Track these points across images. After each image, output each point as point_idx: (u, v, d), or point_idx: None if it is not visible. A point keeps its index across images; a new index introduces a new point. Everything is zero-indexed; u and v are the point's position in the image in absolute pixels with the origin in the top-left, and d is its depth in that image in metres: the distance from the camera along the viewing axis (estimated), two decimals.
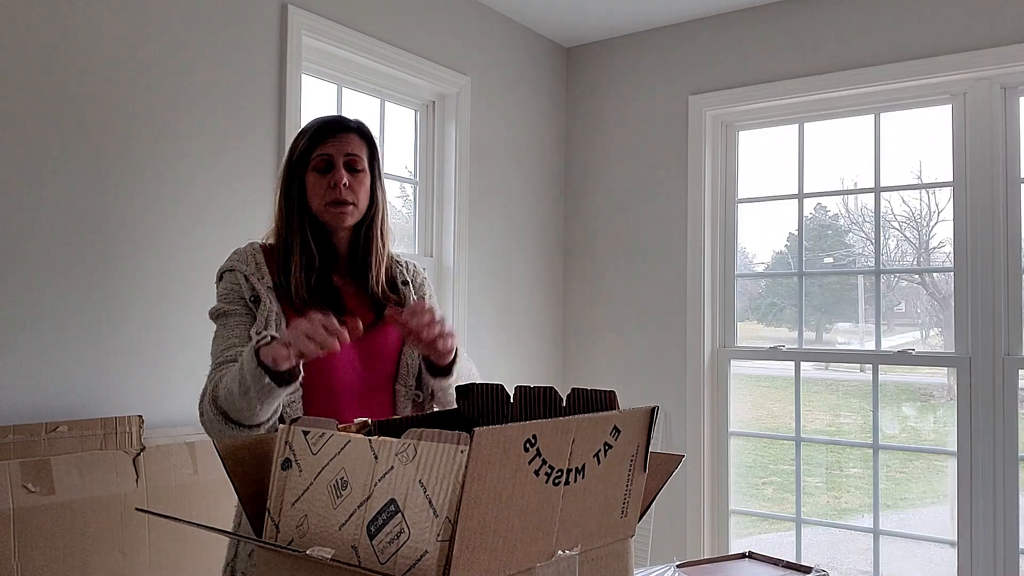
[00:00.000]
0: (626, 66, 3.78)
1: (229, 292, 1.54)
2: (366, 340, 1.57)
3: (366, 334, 1.55)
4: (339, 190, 1.55)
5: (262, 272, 1.54)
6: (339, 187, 1.55)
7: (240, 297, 1.53)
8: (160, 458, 2.11)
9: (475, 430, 0.71)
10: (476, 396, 1.20)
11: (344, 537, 0.80)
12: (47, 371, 2.05)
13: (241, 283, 1.53)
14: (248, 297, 1.52)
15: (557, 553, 0.83)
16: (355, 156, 1.59)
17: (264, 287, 1.52)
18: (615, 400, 1.03)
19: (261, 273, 1.54)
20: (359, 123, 1.65)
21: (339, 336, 1.29)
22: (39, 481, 1.88)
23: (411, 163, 3.32)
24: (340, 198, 1.55)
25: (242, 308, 1.52)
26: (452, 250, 3.28)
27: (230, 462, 0.91)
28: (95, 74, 2.16)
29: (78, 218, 2.12)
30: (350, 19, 2.84)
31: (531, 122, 3.73)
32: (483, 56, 3.45)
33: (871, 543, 3.24)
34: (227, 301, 1.54)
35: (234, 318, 1.52)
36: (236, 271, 1.55)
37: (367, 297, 1.62)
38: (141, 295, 2.24)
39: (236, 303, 1.53)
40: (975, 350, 3.01)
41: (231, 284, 1.54)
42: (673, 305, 3.59)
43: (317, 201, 1.57)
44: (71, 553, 1.89)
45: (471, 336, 3.36)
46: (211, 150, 2.41)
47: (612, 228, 3.78)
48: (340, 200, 1.55)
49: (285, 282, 1.53)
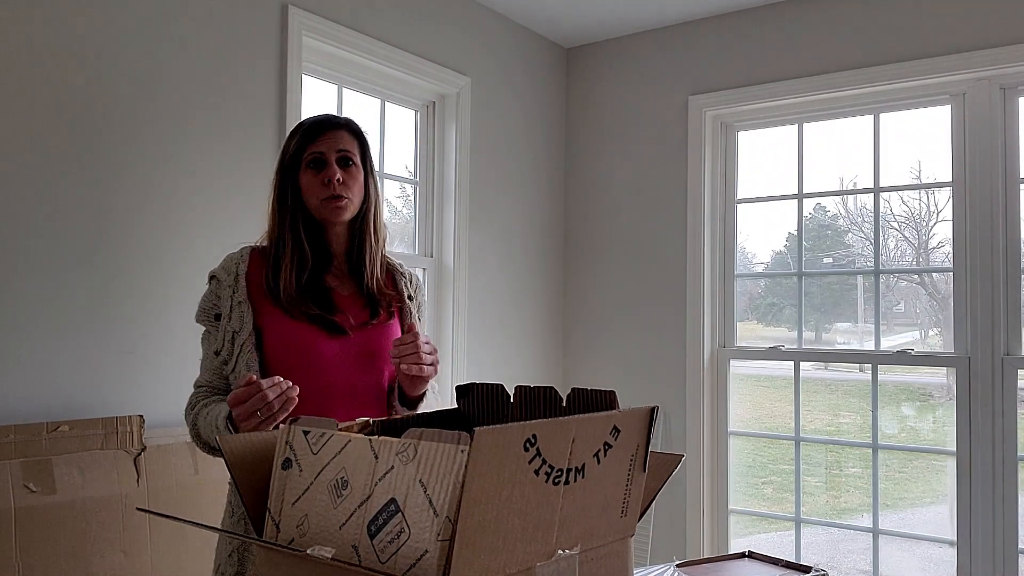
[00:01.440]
0: (626, 66, 3.78)
1: (204, 307, 1.61)
2: (361, 338, 1.57)
3: (361, 332, 1.56)
4: (333, 186, 1.57)
5: (239, 284, 1.56)
6: (333, 183, 1.57)
7: (212, 313, 1.59)
8: (161, 458, 2.11)
9: (475, 430, 0.71)
10: (476, 396, 1.20)
11: (344, 537, 0.81)
12: (48, 371, 2.05)
13: (219, 295, 1.58)
14: (215, 315, 1.58)
15: (557, 553, 0.84)
16: (347, 151, 1.60)
17: (235, 301, 1.55)
18: (615, 400, 1.03)
19: (237, 285, 1.56)
20: (348, 120, 1.66)
21: (287, 396, 1.32)
22: (40, 481, 1.88)
23: (411, 163, 3.32)
24: (335, 193, 1.57)
25: (213, 326, 1.59)
26: (452, 250, 3.29)
27: (233, 461, 0.91)
28: (95, 75, 2.16)
29: (78, 218, 2.12)
30: (350, 19, 2.85)
31: (531, 122, 3.73)
32: (483, 56, 3.45)
33: (870, 543, 3.24)
34: (203, 315, 1.61)
35: (209, 337, 1.61)
36: (219, 281, 1.59)
37: (361, 296, 1.63)
38: (142, 295, 2.24)
39: (208, 319, 1.60)
40: (974, 350, 3.01)
41: (210, 296, 1.60)
42: (673, 305, 3.60)
43: (313, 199, 1.59)
44: (72, 553, 1.90)
45: (471, 336, 3.36)
46: (211, 150, 2.42)
47: (612, 228, 3.79)
48: (335, 195, 1.57)
49: (274, 282, 1.55)
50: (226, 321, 1.55)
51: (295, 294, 1.55)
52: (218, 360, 1.56)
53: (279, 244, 1.59)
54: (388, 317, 1.64)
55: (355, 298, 1.62)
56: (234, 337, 1.53)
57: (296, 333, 1.53)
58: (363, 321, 1.59)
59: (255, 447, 0.94)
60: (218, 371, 1.57)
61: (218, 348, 1.55)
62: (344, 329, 1.56)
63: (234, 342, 1.53)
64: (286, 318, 1.54)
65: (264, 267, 1.59)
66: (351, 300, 1.62)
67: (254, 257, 1.61)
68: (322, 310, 1.55)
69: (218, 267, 1.61)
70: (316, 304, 1.56)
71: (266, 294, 1.56)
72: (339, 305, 1.59)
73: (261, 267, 1.59)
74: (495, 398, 1.18)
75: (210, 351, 1.59)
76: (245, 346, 1.52)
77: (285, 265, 1.56)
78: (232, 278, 1.57)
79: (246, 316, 1.53)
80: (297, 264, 1.57)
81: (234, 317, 1.54)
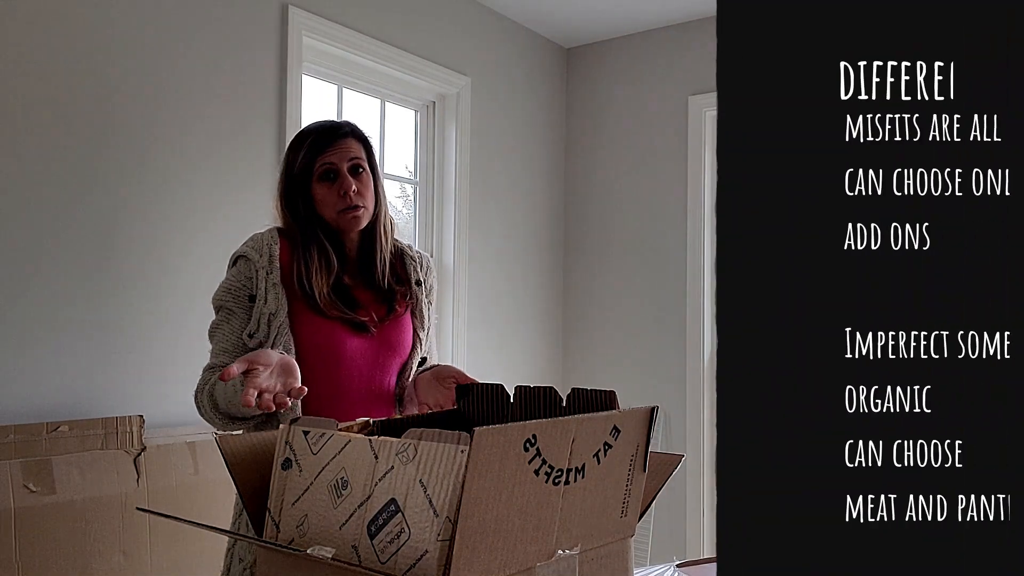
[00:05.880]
0: (626, 66, 3.78)
1: (234, 286, 1.54)
2: (381, 335, 1.59)
3: (381, 329, 1.59)
4: (349, 197, 1.57)
5: (273, 265, 1.54)
6: (349, 194, 1.57)
7: (244, 294, 1.53)
8: (161, 458, 2.11)
9: (475, 430, 0.71)
10: (476, 396, 1.20)
11: (344, 537, 0.81)
12: (48, 371, 2.05)
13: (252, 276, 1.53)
14: (248, 296, 1.53)
15: (557, 553, 0.84)
16: (357, 159, 1.61)
17: (270, 283, 1.53)
18: (615, 400, 1.03)
19: (272, 267, 1.54)
20: (352, 126, 1.66)
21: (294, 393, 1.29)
22: (40, 481, 1.88)
23: (411, 163, 3.32)
24: (352, 203, 1.57)
25: (241, 307, 1.53)
26: (452, 250, 3.29)
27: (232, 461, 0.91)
28: (95, 75, 2.16)
29: (78, 218, 2.12)
30: (350, 19, 2.85)
31: (531, 122, 3.73)
32: (483, 56, 3.45)
33: None
34: (231, 295, 1.54)
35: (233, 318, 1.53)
36: (250, 260, 1.55)
37: (375, 292, 1.64)
38: (142, 295, 2.24)
39: (238, 300, 1.53)
40: None
41: (239, 276, 1.54)
42: (673, 305, 3.60)
43: (329, 211, 1.59)
44: (72, 553, 1.90)
45: (471, 336, 3.36)
46: (211, 151, 2.42)
47: (612, 228, 3.79)
48: (352, 206, 1.57)
49: (310, 287, 1.54)
50: (261, 303, 1.51)
51: (328, 299, 1.55)
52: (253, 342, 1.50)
53: (306, 249, 1.58)
54: (404, 310, 1.66)
55: (372, 296, 1.64)
56: (270, 320, 1.50)
57: (326, 331, 1.54)
58: (381, 317, 1.61)
59: (255, 447, 0.94)
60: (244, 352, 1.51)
61: (252, 330, 1.50)
62: (368, 327, 1.57)
63: (271, 324, 1.50)
64: (317, 316, 1.54)
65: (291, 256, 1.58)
66: (369, 298, 1.63)
67: (282, 240, 1.59)
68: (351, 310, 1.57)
69: (246, 247, 1.57)
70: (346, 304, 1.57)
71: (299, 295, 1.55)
72: (360, 303, 1.60)
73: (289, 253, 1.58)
74: (495, 398, 1.18)
75: (233, 335, 1.53)
76: (283, 328, 1.50)
77: (315, 270, 1.56)
78: (266, 259, 1.54)
79: (281, 298, 1.51)
80: (326, 270, 1.57)
81: (270, 299, 1.51)
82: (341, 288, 1.59)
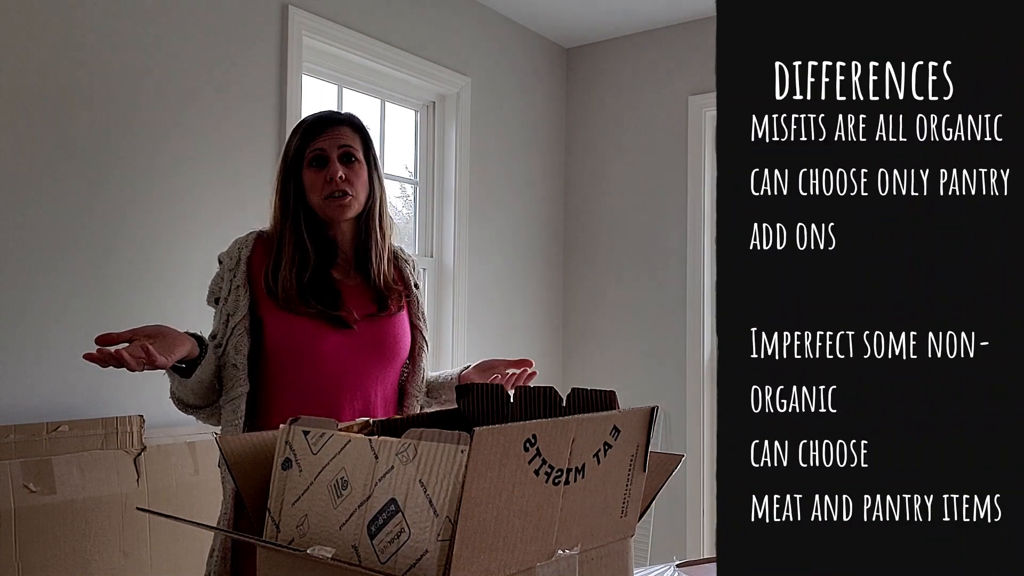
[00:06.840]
0: (626, 66, 3.78)
1: (211, 288, 1.61)
2: (368, 331, 1.56)
3: (367, 325, 1.55)
4: (336, 183, 1.55)
5: (239, 268, 1.55)
6: (335, 180, 1.55)
7: (212, 298, 1.59)
8: (161, 458, 2.11)
9: (475, 430, 0.71)
10: (476, 396, 1.20)
11: (344, 537, 0.81)
12: (48, 371, 2.05)
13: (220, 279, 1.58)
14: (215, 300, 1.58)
15: (557, 553, 0.84)
16: (349, 147, 1.59)
17: (234, 285, 1.54)
18: (615, 400, 1.03)
19: (238, 269, 1.55)
20: (350, 115, 1.65)
21: (149, 358, 1.27)
22: (40, 481, 1.88)
23: (411, 163, 3.32)
24: (338, 190, 1.55)
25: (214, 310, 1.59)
26: (452, 250, 3.29)
27: (233, 461, 0.91)
28: (94, 75, 2.16)
29: (78, 217, 2.12)
30: (350, 19, 2.85)
31: (531, 122, 3.73)
32: (483, 56, 3.45)
33: None
34: (210, 296, 1.60)
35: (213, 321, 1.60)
36: (221, 265, 1.59)
37: (369, 288, 1.62)
38: (141, 294, 2.24)
39: (212, 302, 1.60)
40: None
41: (214, 281, 1.60)
42: (673, 305, 3.60)
43: (315, 196, 1.57)
44: (72, 553, 1.90)
45: (471, 336, 3.36)
46: (211, 150, 2.42)
47: (612, 228, 3.79)
48: (338, 192, 1.56)
49: (274, 282, 1.54)
50: (223, 304, 1.54)
51: (294, 294, 1.53)
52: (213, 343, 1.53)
53: (280, 243, 1.58)
54: (397, 310, 1.63)
55: (362, 290, 1.61)
56: (228, 320, 1.52)
57: (297, 327, 1.52)
58: (369, 313, 1.58)
59: (255, 447, 0.94)
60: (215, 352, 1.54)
61: (214, 332, 1.54)
62: (348, 323, 1.55)
63: (227, 325, 1.52)
64: (288, 313, 1.53)
65: (267, 255, 1.58)
66: (358, 292, 1.60)
67: (259, 243, 1.60)
68: (326, 305, 1.53)
69: (224, 252, 1.60)
70: (320, 298, 1.54)
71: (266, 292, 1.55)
72: (345, 297, 1.58)
73: (264, 254, 1.58)
74: (495, 398, 1.17)
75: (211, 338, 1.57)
76: (237, 329, 1.50)
77: (284, 264, 1.55)
78: (234, 262, 1.56)
79: (242, 300, 1.52)
80: (298, 264, 1.55)
81: (230, 300, 1.53)
82: (324, 282, 1.57)
